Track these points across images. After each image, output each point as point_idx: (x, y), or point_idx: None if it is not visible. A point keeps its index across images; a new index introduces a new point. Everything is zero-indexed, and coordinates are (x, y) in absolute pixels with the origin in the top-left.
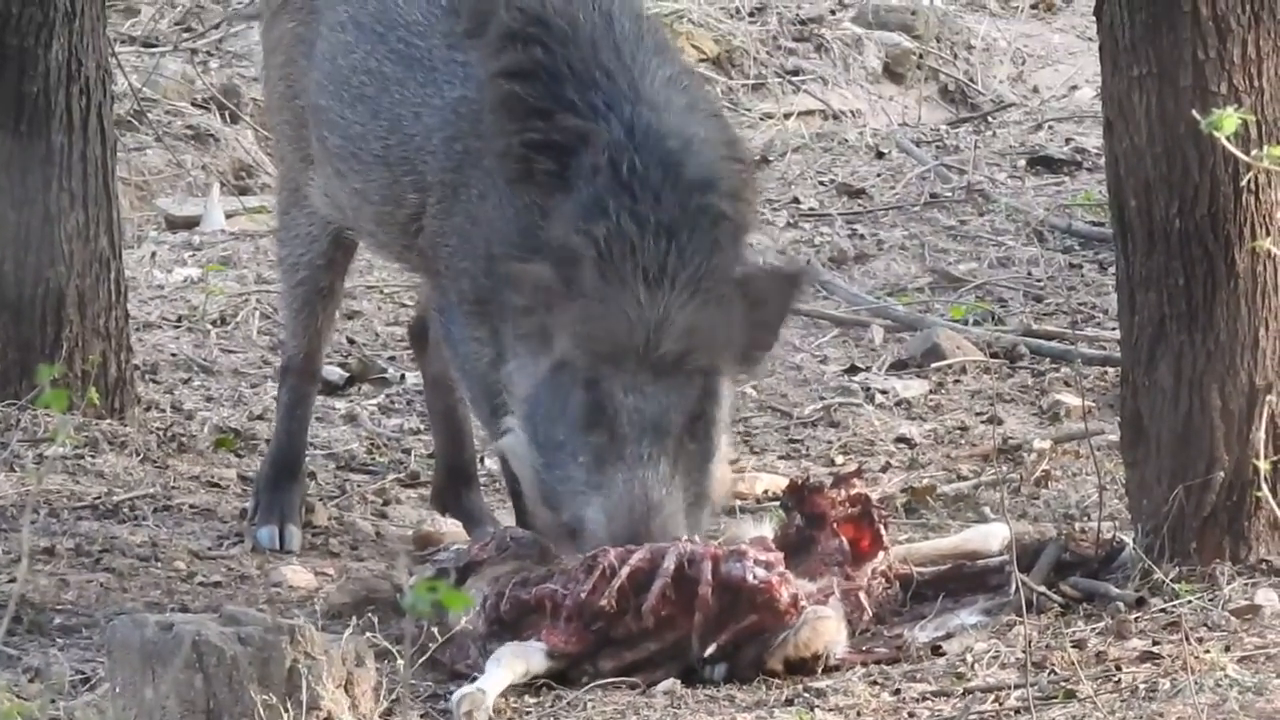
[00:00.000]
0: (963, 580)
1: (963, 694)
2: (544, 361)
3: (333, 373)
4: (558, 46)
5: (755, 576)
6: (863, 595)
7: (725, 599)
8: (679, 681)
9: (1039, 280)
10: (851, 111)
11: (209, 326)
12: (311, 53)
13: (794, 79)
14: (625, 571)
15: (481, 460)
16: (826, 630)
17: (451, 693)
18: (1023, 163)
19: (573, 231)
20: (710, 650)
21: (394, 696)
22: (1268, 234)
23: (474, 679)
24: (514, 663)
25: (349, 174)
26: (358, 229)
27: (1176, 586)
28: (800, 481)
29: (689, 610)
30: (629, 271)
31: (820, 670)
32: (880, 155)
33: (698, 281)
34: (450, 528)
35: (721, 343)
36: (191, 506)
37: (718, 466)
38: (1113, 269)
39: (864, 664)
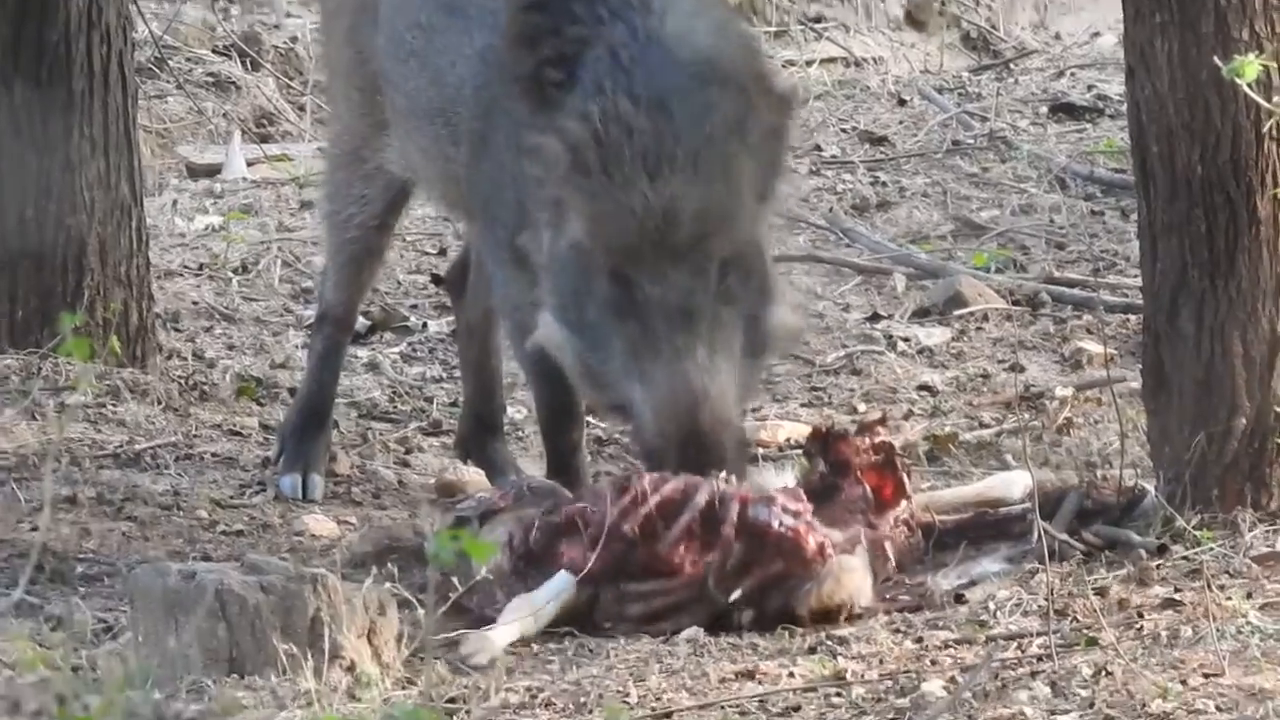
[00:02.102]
0: (985, 528)
1: (985, 642)
2: (561, 239)
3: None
4: None
5: (782, 523)
6: (888, 546)
7: (749, 544)
8: (701, 629)
9: (1061, 227)
10: (874, 59)
11: (230, 274)
12: (376, 17)
13: (816, 26)
14: (655, 500)
15: (505, 410)
16: (851, 581)
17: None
18: (1045, 110)
19: (574, 117)
20: (735, 596)
21: (416, 645)
22: None
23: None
24: (522, 613)
25: (413, 132)
26: (430, 187)
27: (1198, 534)
28: (825, 429)
29: (712, 549)
30: (629, 159)
31: (844, 619)
32: (902, 103)
33: (696, 155)
34: (473, 476)
35: (734, 210)
36: (213, 455)
37: (775, 311)
38: (1134, 216)
39: (886, 612)
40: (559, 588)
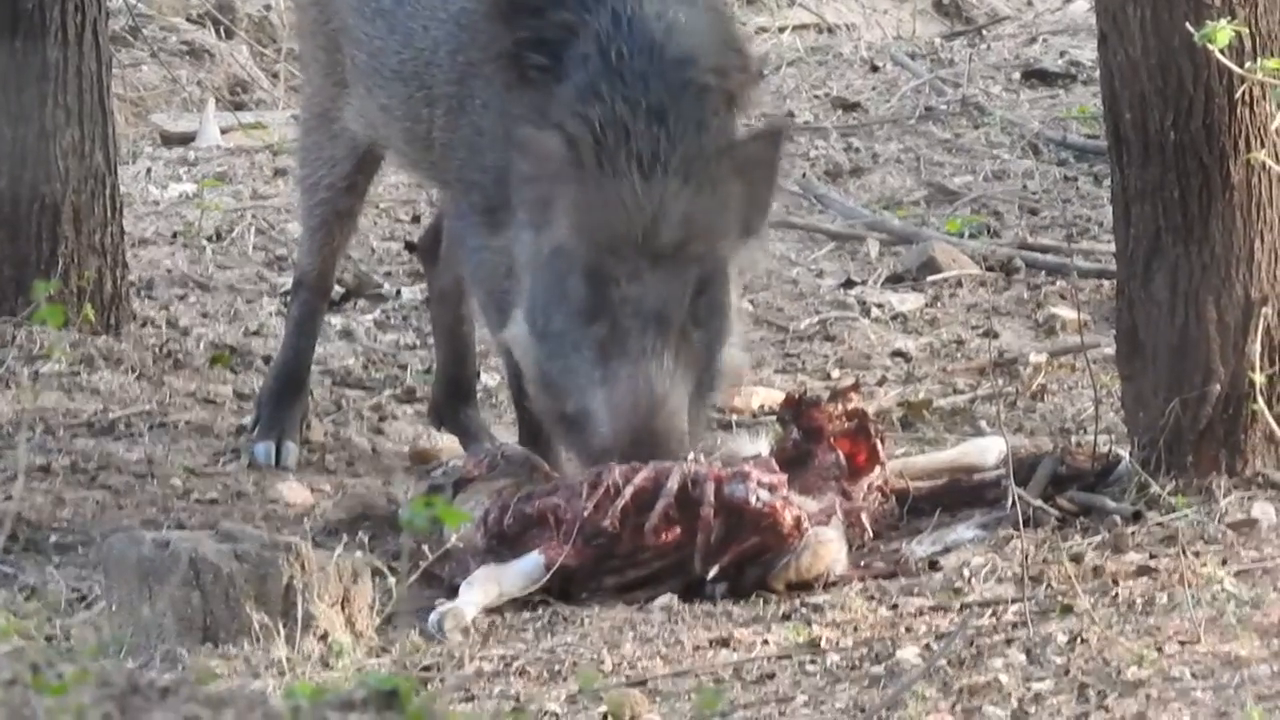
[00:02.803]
0: (959, 494)
1: (960, 608)
2: (544, 240)
3: None
4: None
5: (758, 499)
6: (864, 516)
7: (728, 521)
8: (676, 597)
9: (1034, 193)
10: (846, 25)
11: (204, 242)
12: None
13: None
14: (629, 491)
15: (479, 376)
16: (828, 553)
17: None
18: (1018, 76)
19: (570, 115)
20: (713, 572)
21: (389, 612)
22: (1263, 146)
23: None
24: (487, 585)
25: (375, 90)
26: (390, 146)
27: (1173, 500)
28: (797, 396)
29: (691, 530)
30: (623, 159)
31: (820, 587)
32: (875, 69)
33: (690, 163)
34: (447, 443)
35: (719, 225)
36: (187, 423)
37: (728, 350)
38: (1108, 182)
39: (861, 579)
40: (528, 569)
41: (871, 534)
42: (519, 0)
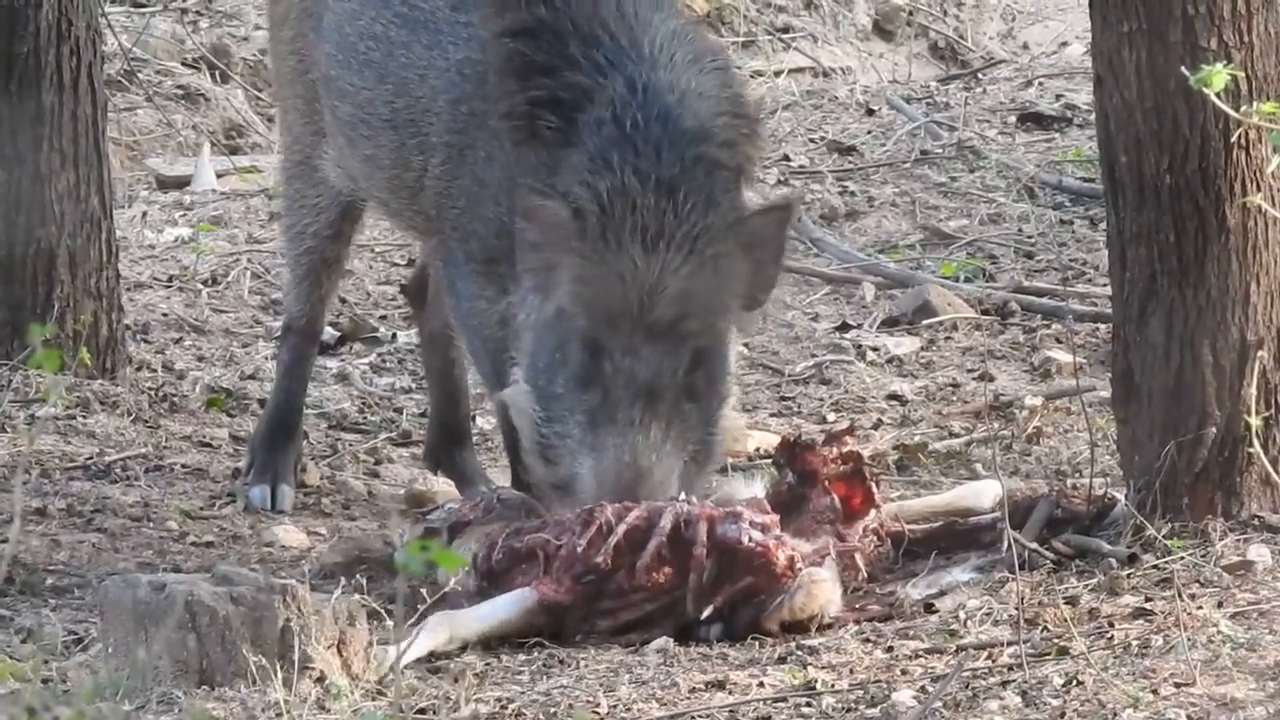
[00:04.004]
0: (955, 537)
1: (955, 651)
2: (548, 305)
3: (324, 331)
4: (560, 3)
5: (751, 539)
6: (858, 557)
7: (721, 561)
8: (672, 640)
9: (1030, 237)
10: (842, 69)
11: (200, 286)
12: (320, 25)
13: (784, 36)
14: (622, 530)
15: (474, 419)
16: (822, 593)
17: None
18: (1013, 119)
19: (577, 183)
20: (707, 612)
21: (388, 662)
22: (1258, 189)
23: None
24: (438, 630)
25: (359, 141)
26: (370, 197)
27: (1169, 543)
28: (792, 439)
29: (683, 571)
30: (628, 231)
31: (815, 629)
32: (870, 112)
33: (694, 240)
34: (442, 486)
35: (719, 302)
36: (183, 466)
37: (721, 421)
38: (1103, 225)
39: (857, 622)
40: (486, 613)
41: (867, 576)
42: (534, 59)
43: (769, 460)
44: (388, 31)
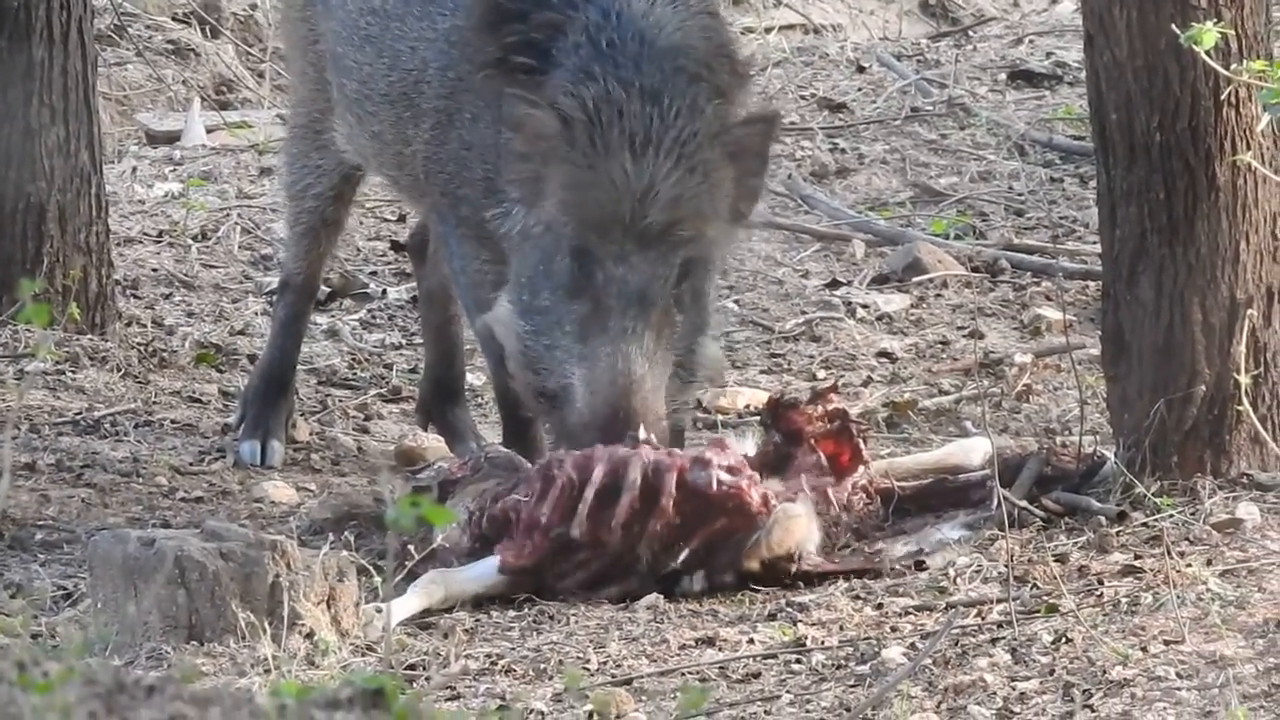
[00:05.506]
0: (944, 495)
1: (945, 608)
2: (534, 217)
3: None
4: None
5: (721, 482)
6: (831, 492)
7: (694, 507)
8: (661, 596)
9: (1020, 194)
10: (832, 25)
11: (190, 241)
12: (329, 1)
13: None
14: (590, 494)
15: (466, 375)
16: (798, 528)
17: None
18: (1003, 77)
19: (562, 94)
20: (682, 557)
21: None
22: (1248, 147)
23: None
24: (432, 589)
25: (366, 118)
26: (382, 174)
27: (1158, 500)
28: (776, 398)
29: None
30: (616, 138)
31: (795, 568)
32: (861, 69)
33: (682, 146)
34: (432, 442)
35: (708, 209)
36: (173, 422)
37: (708, 340)
38: (1094, 183)
39: (845, 578)
40: (481, 573)
41: (854, 531)
42: (505, 8)
43: (758, 418)
44: (386, 5)
